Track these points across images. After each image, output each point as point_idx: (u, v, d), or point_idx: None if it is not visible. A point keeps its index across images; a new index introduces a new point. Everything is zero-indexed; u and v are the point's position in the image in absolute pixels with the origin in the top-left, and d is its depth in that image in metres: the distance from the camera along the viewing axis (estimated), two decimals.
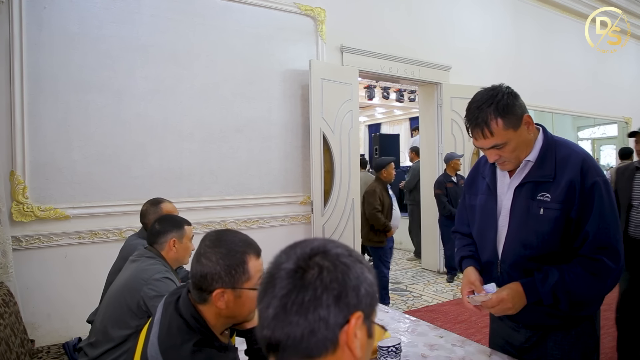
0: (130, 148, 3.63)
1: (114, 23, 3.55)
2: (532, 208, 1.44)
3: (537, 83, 6.99)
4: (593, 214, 1.38)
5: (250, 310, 1.20)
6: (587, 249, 1.39)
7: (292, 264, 0.67)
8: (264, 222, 4.33)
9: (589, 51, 8.20)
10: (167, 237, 2.05)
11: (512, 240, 1.49)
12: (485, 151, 1.49)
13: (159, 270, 1.94)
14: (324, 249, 0.69)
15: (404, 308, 4.62)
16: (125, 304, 1.89)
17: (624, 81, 9.02)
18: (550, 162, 1.45)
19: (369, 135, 14.03)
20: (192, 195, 3.90)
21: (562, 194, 1.40)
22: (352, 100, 4.82)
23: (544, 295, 1.40)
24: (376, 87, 9.92)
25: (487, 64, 6.37)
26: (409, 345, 1.72)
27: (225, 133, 4.10)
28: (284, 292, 0.65)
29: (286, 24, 4.48)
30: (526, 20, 7.09)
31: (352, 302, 0.65)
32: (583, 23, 8.02)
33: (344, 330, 0.65)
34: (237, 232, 1.22)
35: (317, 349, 0.64)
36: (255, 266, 1.17)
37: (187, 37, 3.89)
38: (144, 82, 3.68)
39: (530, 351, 1.57)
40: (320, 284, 0.64)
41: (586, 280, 1.38)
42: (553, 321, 1.50)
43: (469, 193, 1.73)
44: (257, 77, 4.30)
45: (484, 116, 1.40)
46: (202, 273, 1.14)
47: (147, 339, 1.20)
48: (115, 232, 3.52)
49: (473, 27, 6.29)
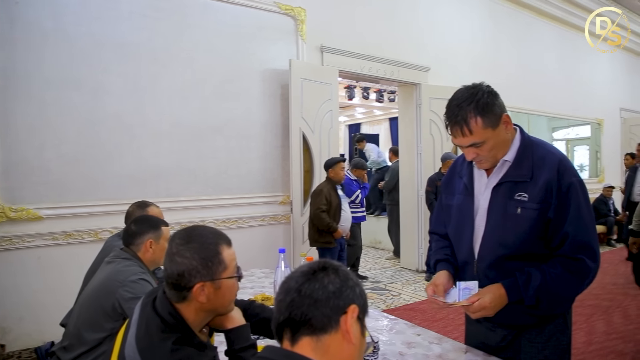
0: (107, 147, 3.56)
1: (91, 19, 3.48)
2: (509, 208, 1.45)
3: (514, 84, 7.12)
4: (571, 214, 1.40)
5: (230, 300, 1.22)
6: (567, 249, 1.40)
7: (306, 268, 0.88)
8: (243, 222, 4.30)
9: (564, 54, 8.42)
10: (143, 238, 2.01)
11: (490, 240, 1.49)
12: (463, 149, 1.49)
13: (135, 272, 1.91)
14: (333, 264, 0.89)
15: (383, 307, 4.65)
16: (100, 306, 1.85)
17: (596, 84, 9.26)
18: (528, 162, 1.46)
19: (349, 135, 14.07)
20: (170, 195, 3.86)
21: (540, 193, 1.41)
22: (332, 100, 4.83)
23: (527, 297, 1.41)
24: (356, 87, 9.94)
25: (465, 65, 6.46)
26: (387, 344, 1.73)
27: (204, 132, 4.07)
28: (300, 283, 0.84)
29: (266, 23, 4.47)
30: (503, 23, 7.21)
31: (349, 296, 0.85)
32: (558, 26, 8.24)
33: (343, 317, 0.82)
34: (204, 226, 1.23)
35: (324, 327, 0.82)
36: (229, 255, 1.20)
37: (166, 35, 3.85)
38: (121, 80, 3.62)
39: (506, 350, 1.59)
40: (327, 279, 0.85)
41: (567, 280, 1.40)
42: (528, 320, 1.52)
43: (445, 193, 1.73)
44: (237, 76, 4.27)
45: (463, 114, 1.40)
46: (178, 271, 1.14)
47: (124, 340, 1.19)
48: (91, 233, 3.46)
49: (451, 29, 6.38)
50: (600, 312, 4.43)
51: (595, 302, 4.68)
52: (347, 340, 0.82)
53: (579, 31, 8.64)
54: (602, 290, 5.06)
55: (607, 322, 4.15)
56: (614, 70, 9.84)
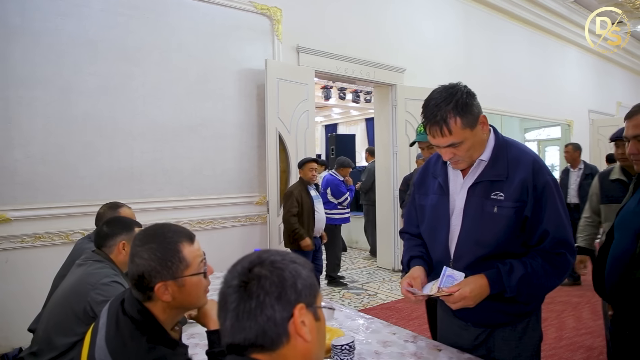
0: (78, 147, 3.48)
1: (60, 16, 3.39)
2: (486, 207, 1.46)
3: (487, 86, 7.25)
4: (548, 212, 1.42)
5: (198, 296, 1.19)
6: (548, 245, 1.43)
7: (236, 280, 0.79)
8: (219, 223, 4.26)
9: (534, 57, 8.62)
10: (116, 239, 1.97)
11: (466, 239, 1.49)
12: (440, 149, 1.48)
13: (107, 274, 1.87)
14: (259, 260, 0.80)
15: (360, 306, 4.67)
16: (71, 310, 1.80)
17: (566, 86, 9.52)
18: (503, 162, 1.47)
19: (326, 135, 14.10)
20: (144, 196, 3.79)
21: (516, 192, 1.42)
22: (308, 100, 4.83)
23: (509, 288, 1.41)
24: (333, 87, 9.99)
25: (440, 66, 6.55)
26: (363, 343, 1.74)
27: (178, 132, 4.01)
28: (234, 305, 0.77)
29: (242, 22, 4.44)
30: (476, 26, 7.34)
31: (292, 298, 0.77)
32: (530, 30, 8.43)
33: (291, 323, 0.77)
34: (165, 224, 1.20)
35: (273, 343, 0.76)
36: (191, 252, 1.17)
37: (138, 33, 3.78)
38: (92, 79, 3.54)
39: (479, 348, 1.60)
40: (261, 291, 0.76)
41: (548, 273, 1.42)
42: (502, 318, 1.54)
43: (418, 193, 1.72)
44: (212, 76, 4.23)
45: (443, 114, 1.39)
46: (138, 273, 1.12)
47: (92, 343, 1.16)
48: (62, 235, 3.37)
49: (427, 31, 6.46)
50: (571, 308, 4.55)
51: (566, 299, 4.81)
52: (302, 341, 0.78)
53: (549, 34, 8.88)
54: (572, 287, 5.20)
55: (577, 318, 4.26)
56: (583, 73, 10.13)
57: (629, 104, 11.12)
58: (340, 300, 4.96)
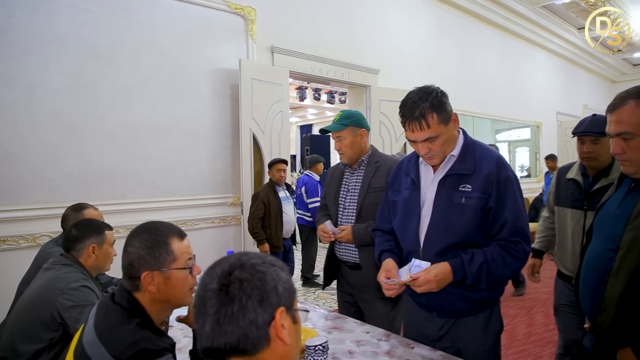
0: (44, 148, 3.38)
1: (26, 12, 3.29)
2: (455, 197, 1.60)
3: (459, 88, 7.37)
4: (509, 203, 1.57)
5: (183, 292, 1.23)
6: (506, 233, 1.57)
7: (215, 283, 0.77)
8: (192, 225, 4.21)
9: (505, 60, 8.82)
10: (85, 243, 1.92)
11: (436, 228, 1.62)
12: (417, 144, 1.61)
13: (76, 279, 1.82)
14: (240, 263, 0.79)
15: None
16: (37, 316, 1.75)
17: (534, 89, 9.77)
18: (471, 158, 1.62)
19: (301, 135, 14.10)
20: (114, 197, 3.71)
21: (482, 185, 1.57)
22: (282, 100, 4.82)
23: (470, 274, 1.54)
24: (308, 88, 10.00)
25: (414, 68, 6.63)
26: (336, 343, 1.75)
27: (150, 133, 3.94)
28: (215, 310, 0.75)
29: (215, 21, 4.39)
30: (449, 29, 7.45)
31: (273, 301, 0.77)
32: (501, 34, 8.61)
33: (272, 326, 0.77)
34: (160, 221, 1.27)
35: (254, 347, 0.76)
36: (180, 247, 1.23)
37: (109, 31, 3.70)
38: (59, 77, 3.44)
39: (443, 338, 1.71)
40: (243, 295, 0.75)
41: (506, 260, 1.56)
42: (465, 306, 1.65)
43: (391, 190, 1.85)
44: (185, 75, 4.17)
45: (421, 110, 1.54)
46: (128, 261, 1.19)
47: (82, 332, 1.18)
48: (28, 238, 3.27)
49: (401, 33, 6.52)
50: (540, 304, 4.67)
51: (535, 296, 4.93)
52: (282, 345, 0.78)
53: (519, 38, 9.09)
54: (541, 284, 5.31)
55: (546, 314, 4.38)
56: (550, 76, 10.42)
57: (595, 106, 11.52)
58: (316, 301, 4.97)
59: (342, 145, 2.29)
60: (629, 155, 1.34)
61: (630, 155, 1.34)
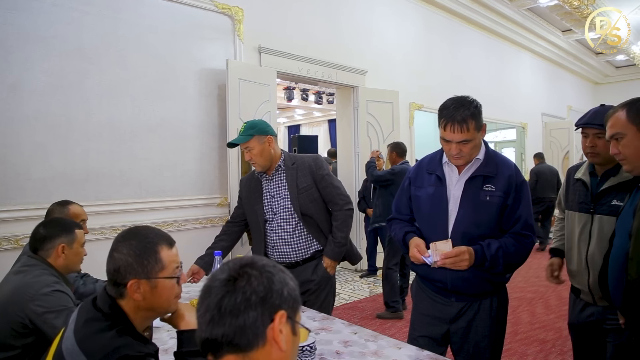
0: (29, 148, 3.33)
1: (9, 10, 3.24)
2: (480, 196, 1.83)
3: (446, 89, 7.38)
4: (523, 203, 1.84)
5: (169, 300, 1.22)
6: (518, 227, 1.83)
7: (225, 274, 0.79)
8: (179, 225, 4.18)
9: (492, 61, 8.91)
10: (54, 242, 1.85)
11: (463, 222, 1.83)
12: (451, 144, 1.78)
13: (48, 283, 1.74)
14: (252, 261, 0.82)
15: None
16: (7, 323, 1.67)
17: (520, 90, 9.89)
18: (493, 162, 1.87)
19: (289, 136, 14.08)
20: (100, 198, 3.67)
21: (504, 186, 1.82)
22: (270, 101, 4.81)
23: (490, 256, 1.77)
24: (295, 88, 9.98)
25: (401, 69, 6.67)
26: (324, 343, 1.75)
27: (137, 133, 3.91)
28: (219, 297, 0.76)
29: (203, 21, 4.37)
30: (436, 30, 7.51)
31: (276, 303, 0.78)
32: (487, 35, 8.70)
33: (270, 327, 0.76)
34: (149, 227, 1.24)
35: (248, 343, 0.76)
36: (168, 256, 1.20)
37: (94, 30, 3.66)
38: (44, 76, 3.40)
39: (458, 320, 1.91)
40: (249, 288, 0.77)
41: (517, 249, 1.81)
42: (484, 287, 1.88)
43: (414, 185, 2.02)
44: (171, 75, 4.14)
45: (463, 115, 1.73)
46: (115, 267, 1.15)
47: (62, 338, 1.15)
48: (11, 240, 3.22)
49: (388, 34, 6.55)
50: (525, 303, 4.73)
51: (521, 295, 4.99)
52: (277, 349, 0.77)
53: (504, 40, 9.20)
54: (526, 284, 5.40)
55: (531, 313, 4.44)
56: (536, 77, 10.55)
57: (579, 108, 11.69)
58: None
59: (252, 155, 2.37)
60: (624, 153, 1.50)
61: (625, 154, 1.50)
